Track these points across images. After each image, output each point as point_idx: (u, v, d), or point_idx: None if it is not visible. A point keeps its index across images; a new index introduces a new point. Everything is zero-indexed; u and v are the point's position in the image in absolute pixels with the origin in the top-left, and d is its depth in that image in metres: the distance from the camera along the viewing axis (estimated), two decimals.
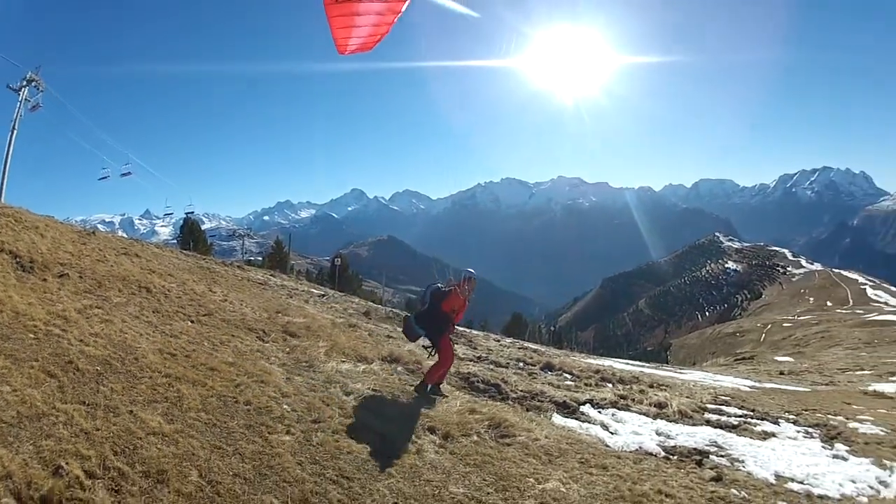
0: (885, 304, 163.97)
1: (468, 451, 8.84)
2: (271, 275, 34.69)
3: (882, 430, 17.50)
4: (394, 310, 34.01)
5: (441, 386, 12.53)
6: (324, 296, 30.31)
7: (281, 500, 6.00)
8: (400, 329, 19.13)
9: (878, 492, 11.87)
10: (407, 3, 8.68)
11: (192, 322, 12.38)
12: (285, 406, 8.66)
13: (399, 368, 13.17)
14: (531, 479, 8.23)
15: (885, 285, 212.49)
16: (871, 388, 31.54)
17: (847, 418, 19.29)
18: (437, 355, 12.04)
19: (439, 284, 12.22)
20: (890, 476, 12.85)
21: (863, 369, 42.91)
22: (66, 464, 5.53)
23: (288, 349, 12.31)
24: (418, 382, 11.97)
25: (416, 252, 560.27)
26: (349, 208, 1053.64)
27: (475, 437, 9.47)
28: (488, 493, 7.56)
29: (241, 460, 6.55)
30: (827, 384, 34.73)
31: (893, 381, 35.37)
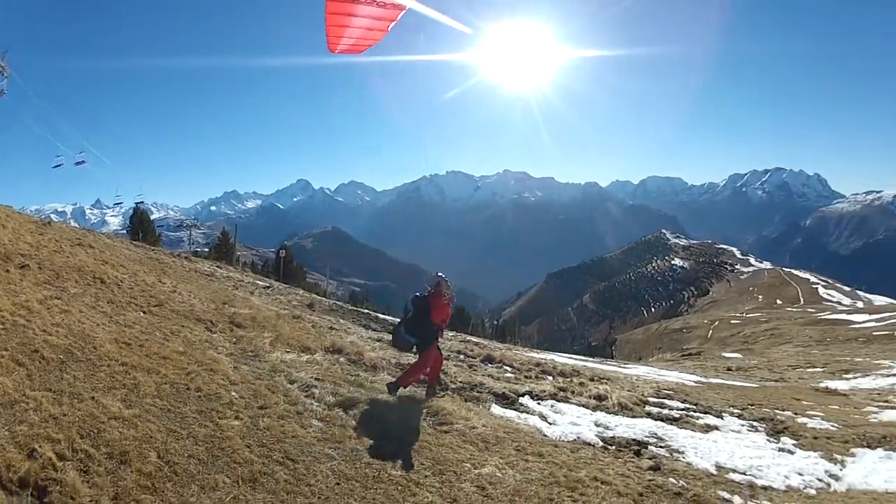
0: (839, 303, 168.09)
1: (407, 437, 9.21)
2: (217, 266, 34.93)
3: (833, 426, 17.85)
4: (337, 302, 34.41)
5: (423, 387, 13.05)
6: (269, 287, 30.59)
7: (232, 479, 6.43)
8: (342, 321, 19.59)
9: (829, 485, 12.22)
10: (403, 12, 9.33)
11: (144, 312, 12.67)
12: (233, 393, 9.06)
13: (341, 359, 13.51)
14: (468, 465, 8.74)
15: (838, 285, 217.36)
16: (823, 385, 32.08)
17: (796, 413, 19.66)
18: (426, 362, 12.42)
19: (420, 293, 12.65)
20: (841, 470, 13.19)
21: (815, 366, 43.66)
22: (39, 447, 5.88)
23: (235, 339, 12.66)
24: (391, 382, 12.19)
25: (360, 244, 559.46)
26: (295, 199, 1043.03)
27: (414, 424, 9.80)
28: (426, 476, 8.04)
29: (194, 443, 6.98)
30: (777, 381, 35.45)
31: (847, 379, 36.05)
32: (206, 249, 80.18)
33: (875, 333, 71.97)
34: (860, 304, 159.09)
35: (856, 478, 12.72)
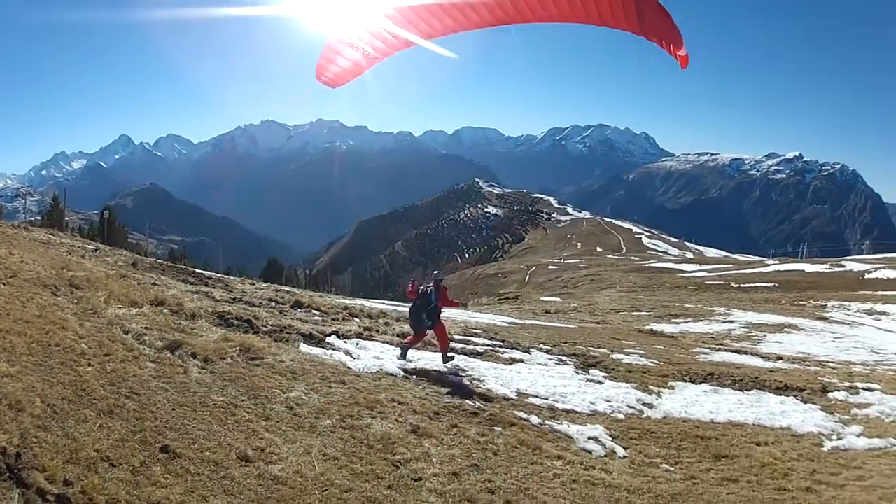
0: (665, 252, 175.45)
1: (224, 370, 10.49)
2: (51, 234, 34.35)
3: (653, 363, 19.13)
4: (158, 260, 34.57)
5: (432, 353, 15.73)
6: (96, 250, 30.46)
7: (95, 412, 7.44)
8: (163, 277, 20.40)
9: (641, 412, 13.14)
10: (383, 59, 11.29)
11: (4, 284, 13.21)
12: (83, 345, 9.58)
13: (165, 311, 13.84)
14: (277, 391, 10.08)
15: (663, 236, 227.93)
16: (648, 328, 34.30)
17: (611, 350, 20.87)
18: (437, 335, 15.16)
19: (430, 284, 15.31)
20: (657, 400, 14.25)
21: (640, 311, 46.00)
22: None
23: (76, 300, 12.95)
24: (443, 355, 14.83)
25: (178, 200, 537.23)
26: (117, 156, 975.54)
27: (229, 360, 11.05)
28: (242, 400, 9.34)
29: (63, 388, 7.73)
30: (598, 322, 37.14)
31: (676, 323, 38.17)
32: (40, 218, 77.83)
33: (708, 283, 76.41)
34: (689, 255, 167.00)
35: (674, 407, 13.81)
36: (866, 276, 73.87)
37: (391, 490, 7.66)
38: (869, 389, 16.90)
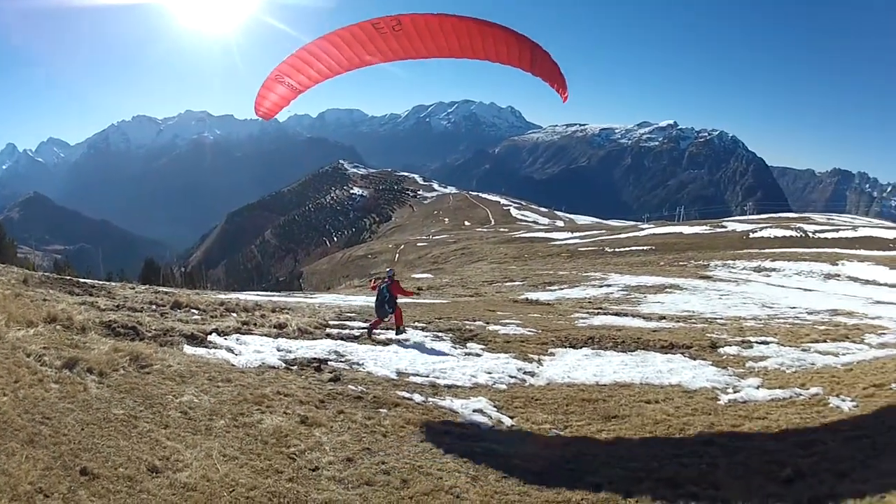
0: (534, 223, 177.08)
1: (119, 382, 10.32)
2: None
3: (530, 332, 19.15)
4: (45, 273, 33.60)
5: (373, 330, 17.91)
6: None
7: (19, 443, 7.34)
8: (52, 291, 19.89)
9: (523, 380, 13.25)
10: (305, 91, 13.62)
11: None
12: None
13: (58, 326, 13.70)
14: (170, 396, 10.07)
15: (532, 206, 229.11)
16: (523, 297, 34.21)
17: (487, 322, 20.94)
18: (394, 316, 17.76)
19: (385, 280, 17.83)
20: (538, 367, 14.34)
21: (513, 281, 46.20)
22: None
23: None
24: (396, 329, 17.81)
25: (58, 207, 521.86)
26: (3, 166, 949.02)
27: (122, 371, 10.86)
28: (141, 411, 9.30)
29: None
30: (472, 296, 37.25)
31: (552, 291, 38.32)
32: None
33: (581, 249, 77.51)
34: (560, 224, 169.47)
35: (556, 373, 13.94)
36: (751, 235, 76.38)
37: (292, 483, 7.86)
38: (764, 343, 17.44)
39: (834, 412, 11.18)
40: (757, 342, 17.43)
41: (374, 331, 17.66)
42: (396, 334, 17.59)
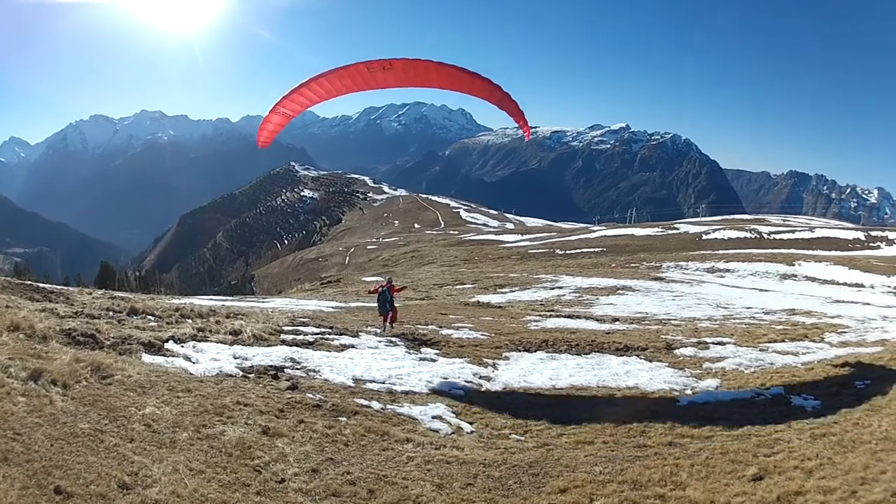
0: (485, 225, 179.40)
1: (83, 394, 10.07)
2: None
3: (483, 335, 19.30)
4: (7, 279, 33.18)
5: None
6: None
7: None
8: (13, 297, 19.73)
9: (480, 385, 13.31)
10: (295, 116, 17.18)
11: None
12: None
13: (21, 335, 13.52)
14: (133, 409, 9.84)
15: (482, 209, 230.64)
16: (474, 300, 34.34)
17: (440, 327, 21.22)
18: (392, 314, 19.86)
19: (385, 285, 20.10)
20: (494, 372, 14.38)
21: (464, 283, 46.39)
22: None
23: None
24: (394, 328, 19.89)
25: (17, 208, 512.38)
26: None
27: (84, 383, 10.58)
28: (106, 424, 9.05)
29: None
30: (423, 299, 37.16)
31: (503, 293, 38.49)
32: None
33: (532, 252, 78.07)
34: (510, 226, 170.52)
35: (512, 378, 13.98)
36: (704, 236, 77.78)
37: (260, 496, 7.89)
38: (721, 343, 17.69)
39: (797, 411, 11.35)
40: (713, 343, 17.66)
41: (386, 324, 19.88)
42: (391, 326, 19.80)
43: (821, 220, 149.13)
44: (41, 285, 28.32)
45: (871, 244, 66.88)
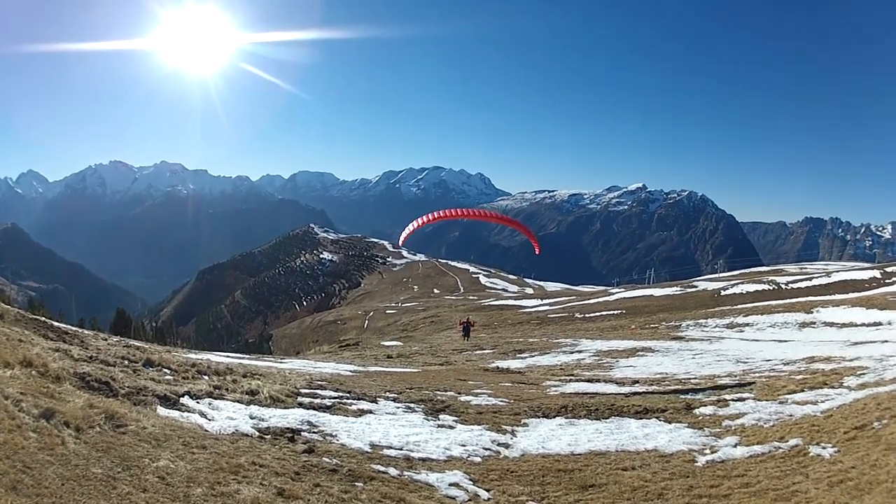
0: (504, 290, 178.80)
1: (96, 439, 9.86)
2: None
3: (502, 402, 19.02)
4: (20, 311, 33.08)
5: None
6: None
7: (3, 488, 7.07)
8: (27, 332, 19.79)
9: (498, 453, 13.05)
10: (444, 216, 21.04)
11: None
12: None
13: (33, 372, 13.48)
14: (146, 460, 9.51)
15: (502, 274, 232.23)
16: (493, 366, 34.02)
17: (459, 393, 20.81)
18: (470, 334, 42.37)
19: (466, 321, 42.10)
20: (512, 439, 14.16)
21: (483, 349, 46.01)
22: None
23: None
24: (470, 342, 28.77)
25: (34, 242, 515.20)
26: None
27: (98, 429, 10.39)
28: (119, 472, 8.76)
29: None
30: (442, 364, 36.87)
31: (522, 358, 38.28)
32: None
33: (551, 316, 77.76)
34: (529, 291, 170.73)
35: (530, 444, 13.79)
36: (723, 292, 77.52)
37: None
38: (740, 399, 17.40)
39: (815, 461, 11.23)
40: (732, 399, 17.40)
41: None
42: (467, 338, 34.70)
43: (837, 264, 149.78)
44: (56, 324, 28.26)
45: (887, 280, 67.30)
